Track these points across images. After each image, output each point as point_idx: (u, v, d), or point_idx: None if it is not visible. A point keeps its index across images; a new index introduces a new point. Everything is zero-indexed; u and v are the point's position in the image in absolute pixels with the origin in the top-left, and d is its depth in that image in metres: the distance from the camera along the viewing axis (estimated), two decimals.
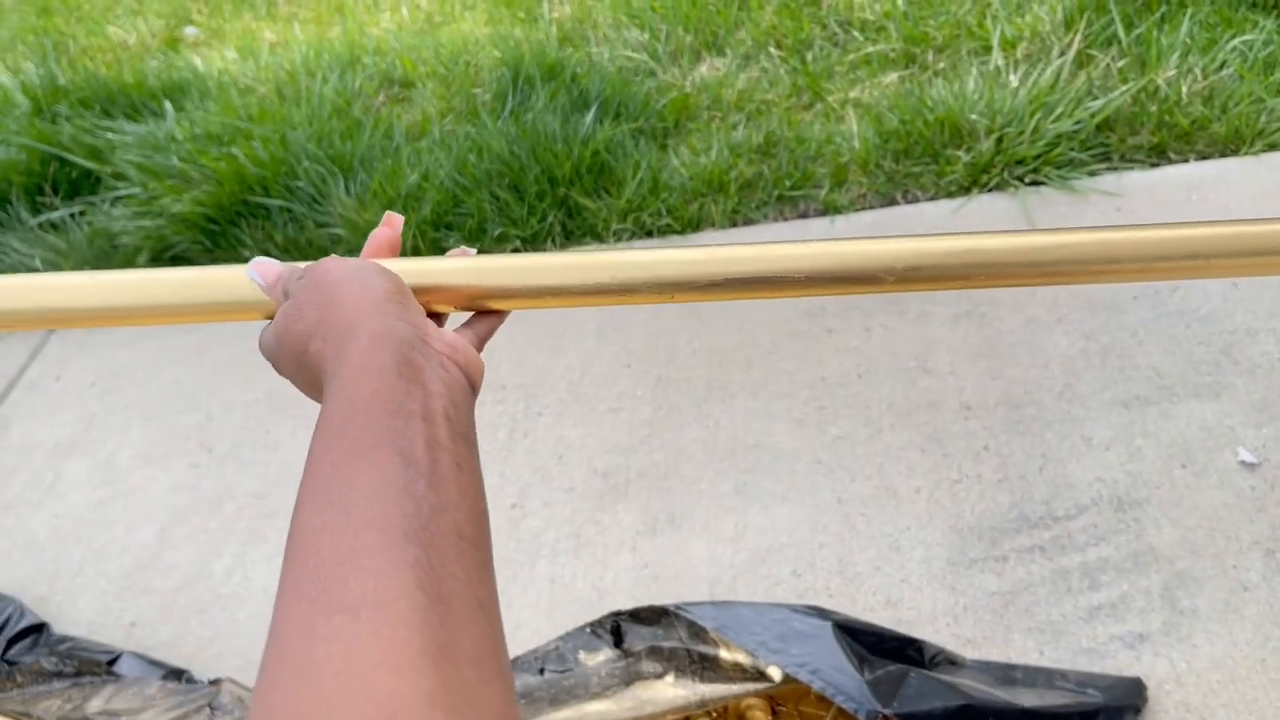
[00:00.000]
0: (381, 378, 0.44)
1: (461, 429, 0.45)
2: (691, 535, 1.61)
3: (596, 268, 0.61)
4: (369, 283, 0.52)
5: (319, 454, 0.42)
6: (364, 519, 0.38)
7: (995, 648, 1.38)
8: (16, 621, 1.69)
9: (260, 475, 1.90)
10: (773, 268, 0.61)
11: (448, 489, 0.41)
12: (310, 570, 0.37)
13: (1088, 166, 2.05)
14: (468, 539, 0.40)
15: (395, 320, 0.49)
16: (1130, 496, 1.50)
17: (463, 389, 0.49)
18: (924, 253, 0.61)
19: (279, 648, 0.35)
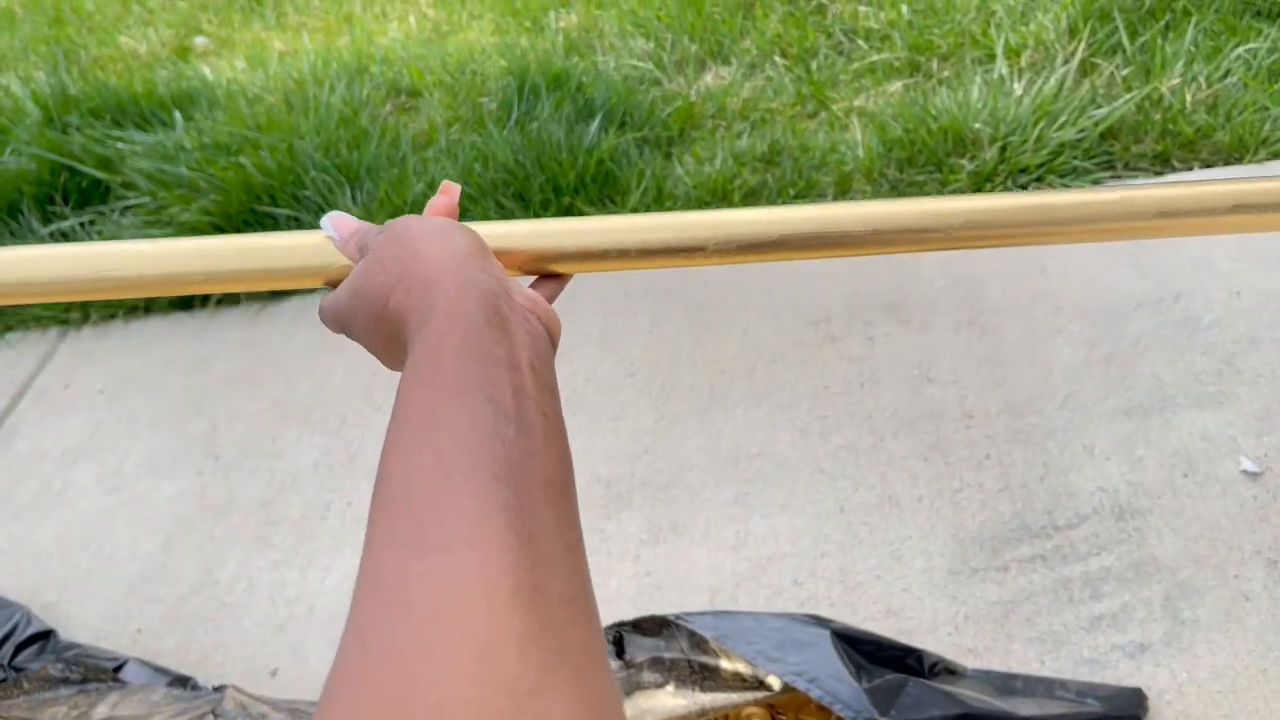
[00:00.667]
0: (470, 325, 0.45)
1: (546, 380, 0.46)
2: (694, 544, 1.62)
3: (661, 228, 0.62)
4: (451, 237, 0.53)
5: (408, 398, 0.43)
6: (455, 461, 0.38)
7: (996, 657, 1.38)
8: (24, 628, 1.70)
9: (265, 483, 1.91)
10: (837, 227, 0.62)
11: (535, 436, 0.41)
12: (402, 511, 0.37)
13: (1091, 175, 2.05)
14: (555, 484, 0.40)
15: (480, 273, 0.49)
16: (1132, 506, 1.50)
17: (545, 342, 0.49)
18: (984, 209, 0.62)
19: (372, 586, 0.35)
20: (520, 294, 0.52)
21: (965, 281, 1.93)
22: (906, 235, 0.62)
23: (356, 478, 1.88)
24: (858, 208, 0.63)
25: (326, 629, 1.64)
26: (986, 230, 0.63)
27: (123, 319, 2.41)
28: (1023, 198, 0.64)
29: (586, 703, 0.32)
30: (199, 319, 2.36)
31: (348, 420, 2.00)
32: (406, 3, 3.47)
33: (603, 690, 0.34)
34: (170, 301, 2.39)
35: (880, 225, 0.62)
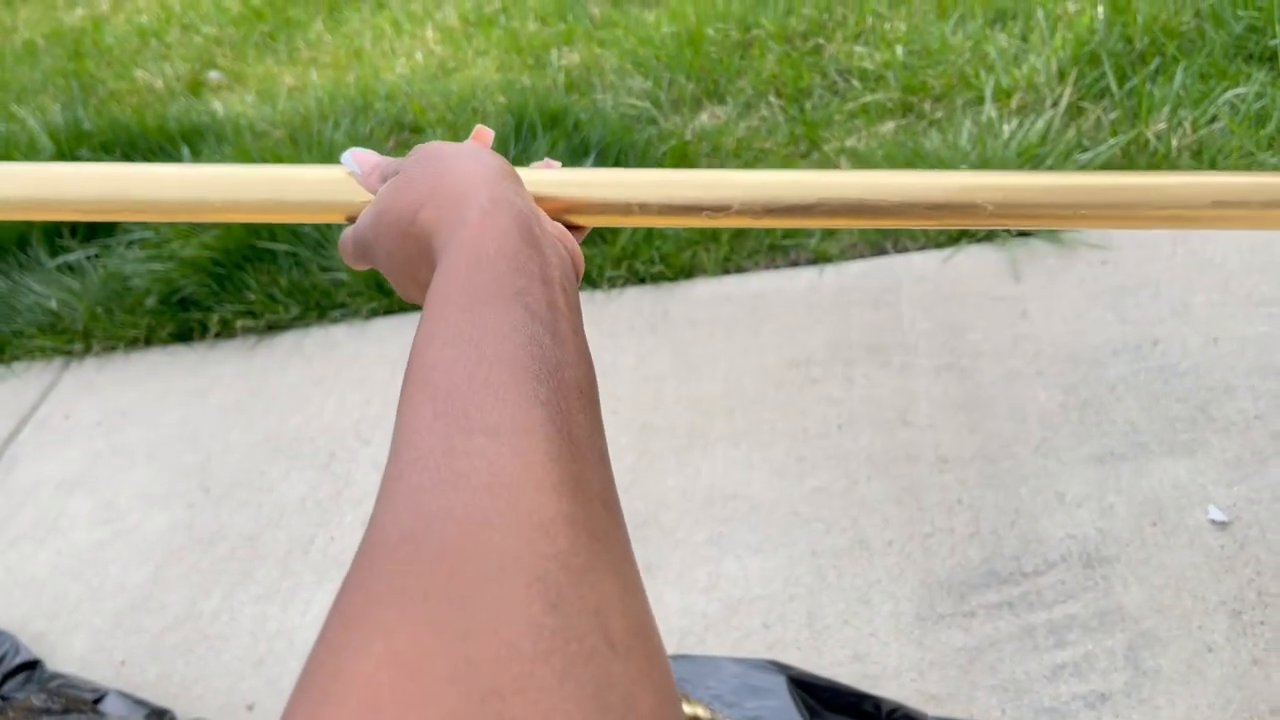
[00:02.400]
0: (504, 237, 0.45)
1: (574, 302, 0.46)
2: (666, 584, 1.63)
3: (685, 185, 0.61)
4: (483, 158, 0.53)
5: (444, 297, 0.42)
6: (495, 356, 0.38)
7: (959, 705, 1.39)
8: (12, 658, 1.74)
9: (253, 517, 1.95)
10: (866, 194, 0.60)
11: (567, 348, 0.41)
12: (444, 395, 0.37)
13: None
14: (585, 395, 0.40)
15: (510, 192, 0.49)
16: (1100, 554, 1.51)
17: (572, 270, 0.50)
18: (1022, 187, 0.61)
19: (418, 458, 0.34)
20: (549, 221, 0.53)
21: (947, 325, 1.94)
22: (936, 210, 0.61)
23: (341, 513, 1.91)
24: (890, 177, 0.61)
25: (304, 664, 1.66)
26: (1021, 209, 0.61)
27: (124, 350, 2.45)
28: (1058, 178, 0.62)
29: (630, 589, 0.33)
30: (198, 351, 2.41)
31: (336, 455, 2.04)
32: (414, 39, 3.53)
33: (639, 582, 0.35)
34: (170, 333, 2.43)
35: (912, 197, 0.60)
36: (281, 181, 0.62)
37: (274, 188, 0.62)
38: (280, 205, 0.62)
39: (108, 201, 0.62)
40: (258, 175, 0.62)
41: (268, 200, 0.62)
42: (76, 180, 0.63)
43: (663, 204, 0.61)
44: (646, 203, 0.61)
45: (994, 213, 0.61)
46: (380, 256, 0.55)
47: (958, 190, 0.61)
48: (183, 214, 0.62)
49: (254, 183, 0.62)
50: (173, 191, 0.62)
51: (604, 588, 0.31)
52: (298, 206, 0.62)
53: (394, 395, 2.14)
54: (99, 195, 0.62)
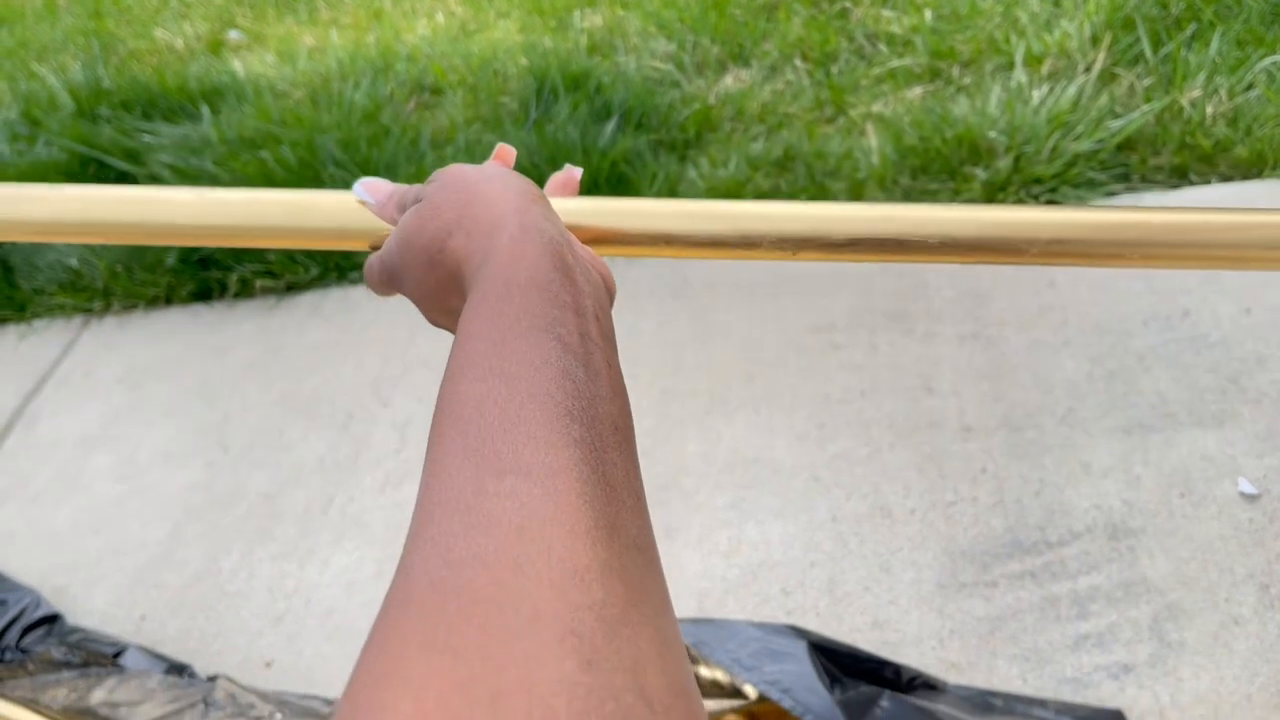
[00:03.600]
0: (536, 266, 0.43)
1: (608, 331, 0.44)
2: (686, 548, 1.63)
3: (717, 217, 0.58)
4: (510, 183, 0.51)
5: (474, 331, 0.41)
6: (528, 391, 0.37)
7: (979, 673, 1.38)
8: (32, 611, 1.75)
9: (271, 476, 1.95)
10: (904, 229, 0.57)
11: (601, 382, 0.40)
12: (475, 432, 0.36)
13: (1105, 187, 2.03)
14: (620, 432, 0.39)
15: (540, 219, 0.48)
16: (1126, 525, 1.49)
17: (605, 297, 0.48)
18: (1073, 224, 0.57)
19: (447, 499, 0.33)
20: (581, 247, 0.52)
21: (972, 293, 1.92)
22: (978, 248, 0.57)
23: (360, 474, 1.90)
24: (932, 212, 0.58)
25: (323, 622, 1.67)
26: (1073, 248, 0.57)
27: (144, 309, 2.45)
28: (1117, 214, 0.57)
29: (668, 643, 0.31)
30: (217, 311, 2.40)
31: (355, 416, 2.03)
32: (435, 0, 3.49)
33: (677, 634, 0.33)
34: (190, 292, 2.43)
35: (954, 233, 0.57)
36: (302, 207, 0.60)
37: (295, 213, 0.60)
38: (302, 232, 0.60)
39: (125, 226, 0.61)
40: (278, 201, 0.61)
41: (289, 227, 0.60)
42: (93, 204, 0.61)
43: (692, 236, 0.58)
44: (675, 234, 0.58)
45: (1041, 252, 0.57)
46: (408, 284, 0.53)
47: (1004, 226, 0.57)
48: (202, 239, 0.61)
49: (275, 208, 0.60)
50: (191, 217, 0.60)
51: (641, 642, 0.30)
52: (320, 233, 0.60)
53: (413, 357, 2.13)
54: (116, 219, 0.61)
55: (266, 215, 0.60)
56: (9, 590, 1.80)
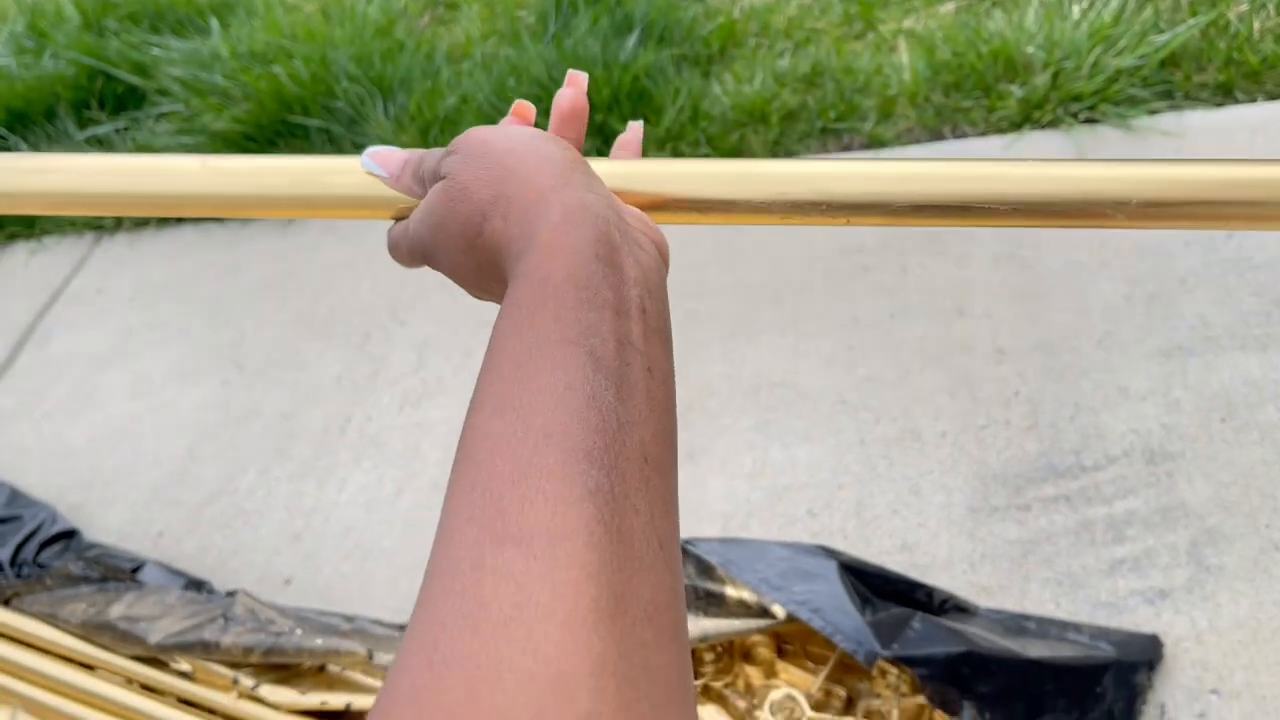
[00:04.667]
0: (576, 259, 0.40)
1: (656, 323, 0.41)
2: (710, 470, 1.60)
3: (773, 179, 0.52)
4: (545, 150, 0.46)
5: (502, 346, 0.39)
6: (544, 430, 0.34)
7: (1011, 597, 1.35)
8: (49, 527, 1.74)
9: (287, 395, 1.92)
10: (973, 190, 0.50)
11: (636, 400, 0.37)
12: (482, 485, 0.34)
13: (1148, 104, 1.95)
14: (653, 463, 0.36)
15: (586, 192, 0.44)
16: (1164, 449, 1.45)
17: (658, 270, 0.45)
18: (1171, 181, 0.49)
19: (445, 574, 0.32)
20: (631, 213, 0.47)
21: None
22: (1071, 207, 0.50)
23: (377, 393, 1.87)
24: (1008, 168, 0.51)
25: (341, 540, 1.65)
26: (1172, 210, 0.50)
27: (155, 226, 2.41)
28: (1224, 168, 0.50)
29: None
30: (230, 228, 2.36)
31: (371, 336, 1.99)
32: None
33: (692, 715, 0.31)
34: None
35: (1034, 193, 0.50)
36: (315, 174, 0.55)
37: (307, 181, 0.55)
38: (315, 200, 0.55)
39: (128, 198, 0.56)
40: (289, 168, 0.55)
41: (301, 195, 0.55)
42: (94, 175, 0.56)
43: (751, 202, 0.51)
44: (763, 200, 0.51)
45: (1134, 214, 0.50)
46: (444, 266, 0.50)
47: (1089, 184, 0.50)
48: (210, 210, 0.56)
49: (284, 177, 0.55)
50: (197, 187, 0.55)
51: None
52: (335, 202, 0.55)
53: (431, 278, 2.09)
54: (119, 191, 0.56)
55: (276, 185, 0.55)
56: (25, 506, 1.79)
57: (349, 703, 1.34)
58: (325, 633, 1.39)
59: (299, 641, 1.36)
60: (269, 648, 1.37)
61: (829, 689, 1.25)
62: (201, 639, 1.39)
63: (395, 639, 1.41)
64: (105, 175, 0.56)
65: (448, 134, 2.27)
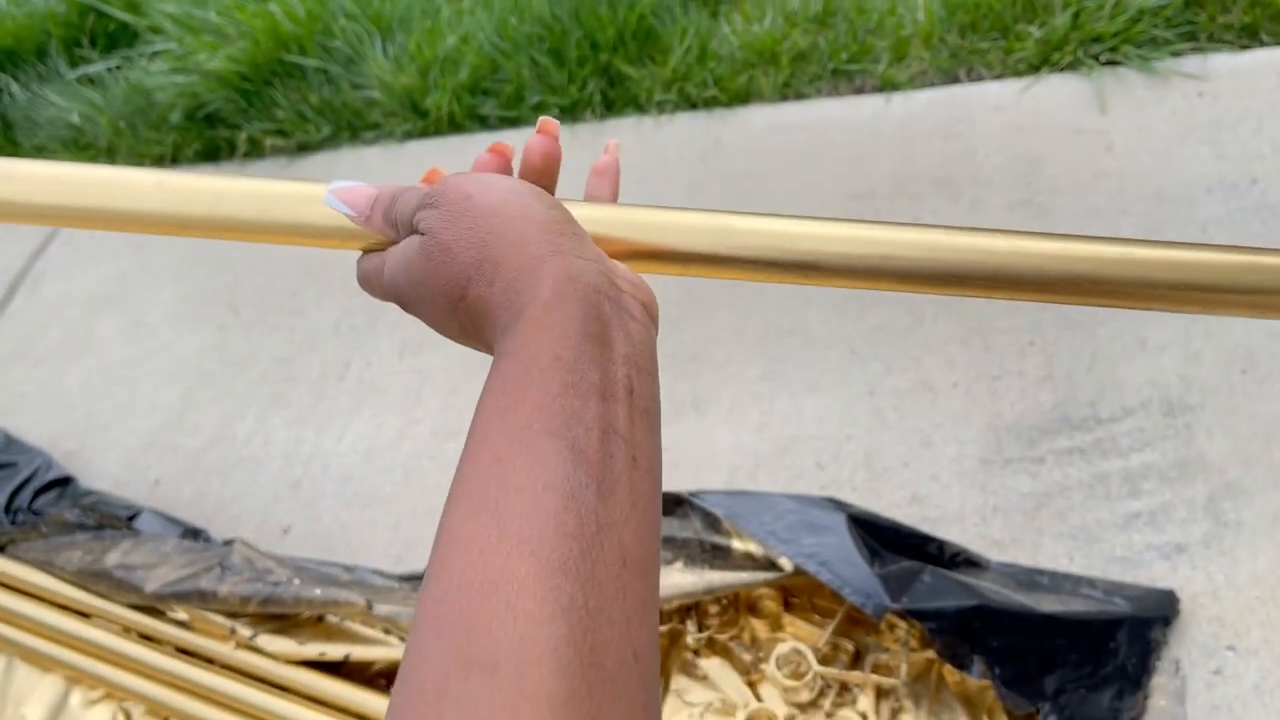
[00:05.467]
0: (563, 339, 0.38)
1: (644, 403, 0.40)
2: (716, 421, 1.56)
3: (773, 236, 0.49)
4: (531, 211, 0.44)
5: (484, 433, 0.37)
6: (519, 537, 0.33)
7: (1023, 551, 1.32)
8: (44, 474, 1.71)
9: (285, 340, 1.88)
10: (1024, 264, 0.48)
11: (619, 496, 0.36)
12: (453, 596, 0.33)
13: (1171, 46, 1.89)
14: (632, 565, 0.35)
15: (576, 259, 0.42)
16: (1183, 402, 1.41)
17: (647, 341, 0.43)
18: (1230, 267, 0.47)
19: (410, 701, 0.31)
20: (623, 277, 0.45)
21: (1023, 158, 1.80)
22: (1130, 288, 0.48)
23: (376, 339, 1.83)
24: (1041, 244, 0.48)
25: (340, 488, 1.63)
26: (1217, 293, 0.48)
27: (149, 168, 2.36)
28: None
29: None
30: (226, 171, 2.31)
31: None
32: None
33: None
34: (197, 151, 2.33)
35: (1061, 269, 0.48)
36: (280, 200, 0.51)
37: (271, 207, 0.51)
38: (279, 228, 0.51)
39: (78, 211, 0.52)
40: (252, 192, 0.51)
41: (264, 222, 0.51)
42: (40, 184, 0.52)
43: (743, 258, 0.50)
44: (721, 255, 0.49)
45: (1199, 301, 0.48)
46: (422, 318, 0.48)
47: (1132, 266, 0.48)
48: (166, 229, 0.52)
49: (249, 202, 0.51)
50: (152, 205, 0.51)
51: None
52: (300, 230, 0.51)
53: None
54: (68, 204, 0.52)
55: (239, 209, 0.51)
56: (20, 453, 1.76)
57: (348, 653, 1.32)
58: (324, 583, 1.37)
59: (297, 591, 1.34)
60: (266, 597, 1.34)
61: (836, 643, 1.23)
62: (198, 588, 1.37)
63: (395, 590, 1.39)
64: (52, 185, 0.52)
65: (447, 75, 2.21)
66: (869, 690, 1.19)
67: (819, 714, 1.20)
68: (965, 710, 1.17)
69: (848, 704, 1.20)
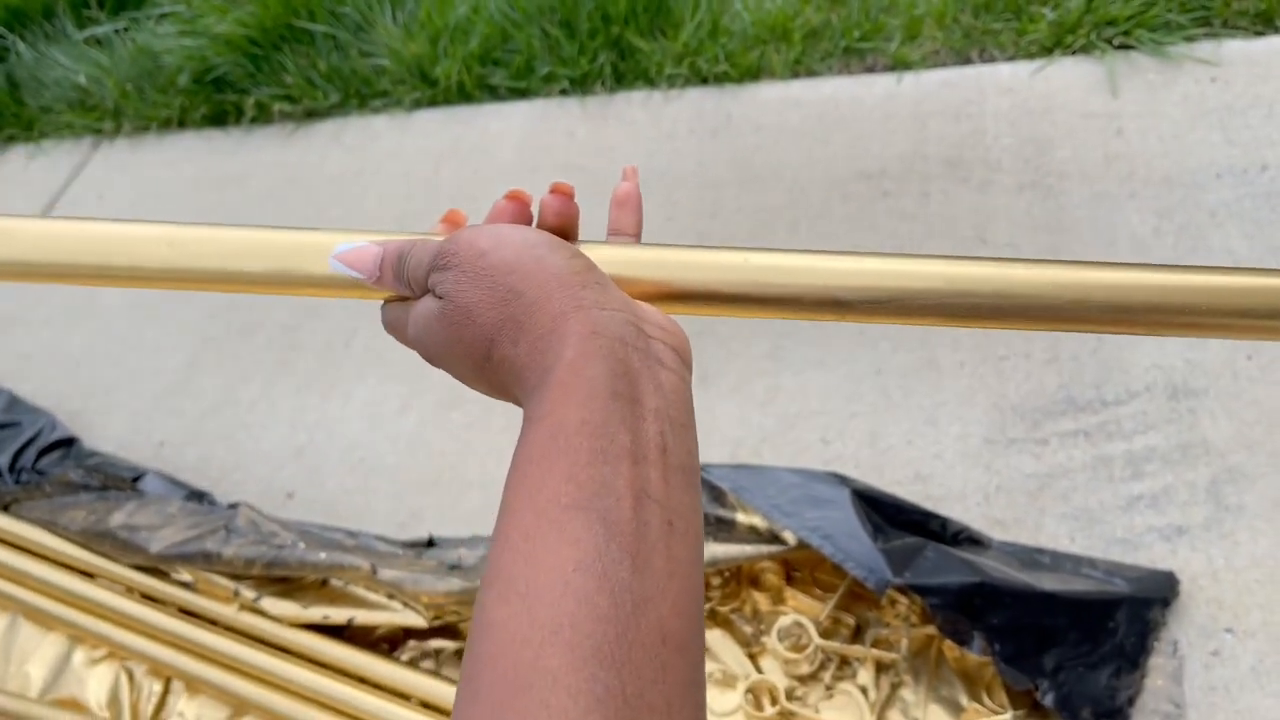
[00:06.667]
0: (590, 401, 0.37)
1: (678, 459, 0.38)
2: (721, 397, 1.57)
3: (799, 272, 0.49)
4: (549, 264, 0.42)
5: (513, 508, 0.36)
6: (552, 625, 0.32)
7: (1025, 531, 1.33)
8: (48, 434, 1.72)
9: (290, 307, 1.88)
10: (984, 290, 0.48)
11: (654, 568, 0.35)
12: (486, 693, 0.32)
13: (1185, 30, 1.88)
14: (673, 643, 0.34)
15: (599, 311, 0.41)
16: (1187, 386, 1.41)
17: (680, 389, 0.42)
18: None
19: None
20: (651, 323, 0.43)
21: (1033, 140, 1.80)
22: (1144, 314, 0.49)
23: None
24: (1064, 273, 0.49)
25: (345, 455, 1.63)
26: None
27: (156, 131, 2.35)
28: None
29: None
30: (233, 136, 2.30)
31: None
32: None
33: None
34: (204, 115, 2.32)
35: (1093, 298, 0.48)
36: (295, 251, 0.50)
37: (286, 257, 0.50)
38: (294, 279, 0.50)
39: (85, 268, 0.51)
40: (266, 243, 0.50)
41: (280, 272, 0.49)
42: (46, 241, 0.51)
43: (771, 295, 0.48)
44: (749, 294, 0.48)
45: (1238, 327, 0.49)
46: (457, 377, 0.47)
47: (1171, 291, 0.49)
48: (178, 285, 0.51)
49: (263, 252, 0.50)
50: (162, 261, 0.50)
51: None
52: (315, 281, 0.50)
53: (437, 192, 2.04)
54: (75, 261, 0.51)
55: (251, 264, 0.50)
56: (24, 413, 1.76)
57: (351, 617, 1.33)
58: (328, 547, 1.38)
59: (301, 555, 1.35)
60: (271, 560, 1.35)
61: (837, 617, 1.24)
62: (203, 549, 1.37)
63: (398, 555, 1.40)
64: (60, 242, 0.51)
65: (457, 44, 2.19)
66: (869, 664, 1.20)
67: (819, 686, 1.21)
68: (964, 686, 1.18)
69: (848, 677, 1.21)
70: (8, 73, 2.49)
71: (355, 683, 1.29)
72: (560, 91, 2.14)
